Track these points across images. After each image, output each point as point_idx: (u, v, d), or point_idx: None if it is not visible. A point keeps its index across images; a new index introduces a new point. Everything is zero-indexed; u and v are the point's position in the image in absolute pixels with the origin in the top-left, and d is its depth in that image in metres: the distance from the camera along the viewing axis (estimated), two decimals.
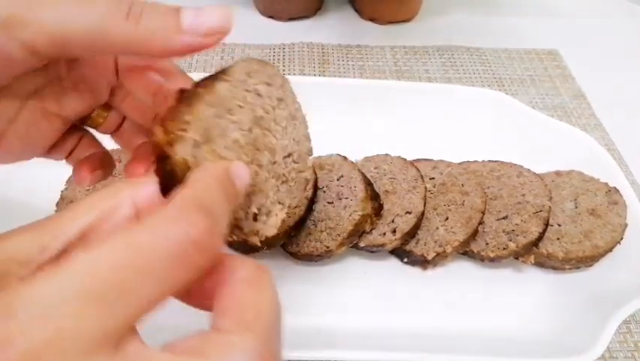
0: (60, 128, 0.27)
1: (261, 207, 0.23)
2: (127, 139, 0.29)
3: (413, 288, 0.39)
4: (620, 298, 0.35)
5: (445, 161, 0.44)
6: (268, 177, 0.23)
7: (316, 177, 0.40)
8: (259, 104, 0.24)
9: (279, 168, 0.25)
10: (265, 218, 0.23)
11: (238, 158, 0.22)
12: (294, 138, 0.26)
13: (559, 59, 0.63)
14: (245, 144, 0.22)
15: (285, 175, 0.25)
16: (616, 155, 0.52)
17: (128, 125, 0.29)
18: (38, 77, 0.24)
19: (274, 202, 0.24)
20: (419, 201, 0.39)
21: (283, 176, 0.25)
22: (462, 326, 0.37)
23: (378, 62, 0.61)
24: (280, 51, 0.62)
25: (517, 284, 0.40)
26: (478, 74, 0.61)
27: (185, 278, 0.15)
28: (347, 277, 0.40)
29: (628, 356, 0.38)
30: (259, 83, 0.24)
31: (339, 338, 0.35)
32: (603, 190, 0.42)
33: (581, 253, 0.38)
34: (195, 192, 0.16)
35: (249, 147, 0.22)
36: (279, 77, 0.26)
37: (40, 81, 0.24)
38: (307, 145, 0.27)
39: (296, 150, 0.26)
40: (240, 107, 0.22)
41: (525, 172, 0.43)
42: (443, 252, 0.38)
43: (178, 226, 0.15)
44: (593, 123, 0.55)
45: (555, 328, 0.36)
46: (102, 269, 0.14)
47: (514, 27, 0.68)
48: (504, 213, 0.40)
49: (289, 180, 0.25)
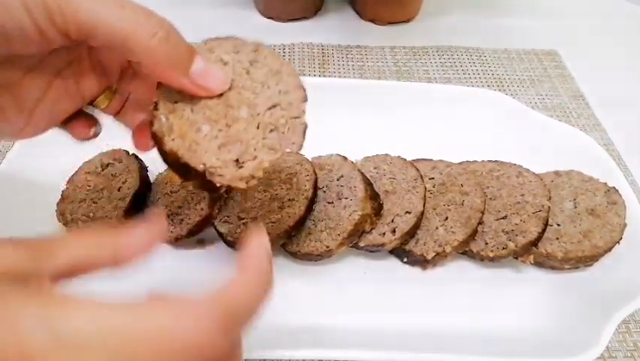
0: (76, 106, 0.29)
1: (242, 154, 0.26)
2: (129, 118, 0.31)
3: (413, 288, 0.39)
4: (620, 298, 0.35)
5: (445, 161, 0.44)
6: (248, 128, 0.27)
7: (316, 177, 0.41)
8: (226, 70, 0.28)
9: (264, 118, 0.27)
10: (251, 163, 0.26)
11: (206, 118, 0.26)
12: (280, 90, 0.28)
13: (558, 59, 0.64)
14: (214, 105, 0.26)
15: (272, 123, 0.27)
16: (615, 155, 0.52)
17: (130, 105, 0.31)
18: (62, 57, 0.26)
19: (261, 148, 0.26)
20: (419, 201, 0.40)
21: (270, 125, 0.27)
22: (461, 325, 0.37)
23: (378, 62, 0.61)
24: (280, 52, 0.62)
25: (516, 284, 0.40)
26: (477, 74, 0.61)
27: None
28: (347, 277, 0.40)
29: (627, 356, 0.38)
30: (223, 53, 0.28)
31: (338, 337, 0.35)
32: (602, 190, 0.42)
33: (580, 252, 0.38)
34: (229, 305, 0.19)
35: (219, 107, 0.26)
36: (250, 44, 0.29)
37: (64, 61, 0.27)
38: (299, 93, 0.29)
39: (284, 100, 0.28)
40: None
41: (524, 172, 0.43)
42: (443, 252, 0.38)
43: (198, 338, 0.17)
44: (592, 123, 0.55)
45: (554, 328, 0.37)
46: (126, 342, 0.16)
47: (513, 27, 0.68)
48: (503, 213, 0.40)
49: (279, 127, 0.27)
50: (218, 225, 0.39)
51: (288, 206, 0.39)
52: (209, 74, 0.26)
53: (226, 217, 0.39)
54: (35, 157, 0.42)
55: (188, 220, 0.39)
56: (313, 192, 0.39)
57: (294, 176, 0.41)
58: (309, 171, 0.41)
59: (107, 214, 0.39)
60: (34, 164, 0.42)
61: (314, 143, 0.45)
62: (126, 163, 0.42)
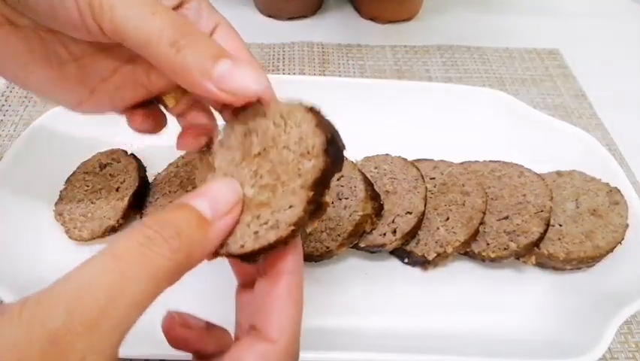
0: (142, 97, 0.29)
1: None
2: (190, 118, 0.30)
3: (413, 288, 0.39)
4: (622, 299, 0.35)
5: (446, 161, 0.44)
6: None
7: None
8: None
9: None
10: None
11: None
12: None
13: (560, 58, 0.63)
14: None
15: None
16: (617, 155, 0.52)
17: (195, 107, 0.30)
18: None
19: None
20: (420, 202, 0.39)
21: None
22: (462, 326, 0.37)
23: (378, 61, 0.61)
24: (280, 50, 0.61)
25: (518, 285, 0.40)
26: (478, 73, 0.60)
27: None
28: (347, 278, 0.40)
29: (629, 357, 0.38)
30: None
31: (339, 338, 0.35)
32: (604, 190, 0.41)
33: (582, 253, 0.38)
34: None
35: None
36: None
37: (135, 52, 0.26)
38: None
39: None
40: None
41: (526, 172, 0.43)
42: (444, 252, 0.38)
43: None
44: (594, 123, 0.55)
45: (556, 328, 0.36)
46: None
47: (515, 26, 0.68)
48: (505, 213, 0.40)
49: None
50: None
51: None
52: (238, 71, 0.22)
53: None
54: (34, 157, 0.42)
55: None
56: None
57: None
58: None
59: (105, 214, 0.39)
60: (33, 164, 0.42)
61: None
62: (124, 163, 0.42)
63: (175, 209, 0.20)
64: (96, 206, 0.40)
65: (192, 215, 0.20)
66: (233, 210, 0.21)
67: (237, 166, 0.23)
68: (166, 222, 0.19)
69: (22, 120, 0.52)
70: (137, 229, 0.18)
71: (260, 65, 0.27)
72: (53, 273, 0.39)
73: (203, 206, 0.20)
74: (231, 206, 0.21)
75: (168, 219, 0.19)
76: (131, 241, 0.18)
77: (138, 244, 0.18)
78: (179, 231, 0.19)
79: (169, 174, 0.42)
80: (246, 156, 0.23)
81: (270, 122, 0.23)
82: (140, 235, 0.18)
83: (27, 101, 0.53)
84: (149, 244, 0.18)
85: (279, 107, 0.23)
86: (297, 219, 0.21)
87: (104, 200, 0.40)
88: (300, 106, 0.23)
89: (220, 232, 0.21)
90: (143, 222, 0.19)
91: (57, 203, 0.41)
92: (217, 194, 0.21)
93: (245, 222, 0.22)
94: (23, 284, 0.34)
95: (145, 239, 0.18)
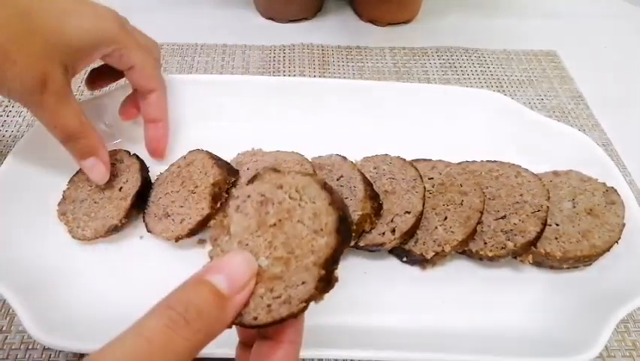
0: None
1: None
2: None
3: (412, 287, 0.39)
4: (618, 298, 0.35)
5: (444, 161, 0.44)
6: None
7: None
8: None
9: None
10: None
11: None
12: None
13: (557, 59, 0.64)
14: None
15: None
16: (614, 155, 0.52)
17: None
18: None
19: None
20: (418, 201, 0.40)
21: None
22: (460, 325, 0.37)
23: (377, 63, 0.62)
24: (280, 52, 0.62)
25: (515, 284, 0.40)
26: (476, 75, 0.61)
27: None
28: (346, 277, 0.39)
29: (626, 355, 0.38)
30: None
31: (337, 336, 0.35)
32: (601, 190, 0.42)
33: (578, 252, 0.38)
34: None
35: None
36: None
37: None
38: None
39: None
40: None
41: (523, 172, 0.43)
42: (442, 251, 0.38)
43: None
44: (590, 124, 0.56)
45: (553, 327, 0.37)
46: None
47: (512, 28, 0.68)
48: (502, 212, 0.41)
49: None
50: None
51: None
52: (94, 169, 0.38)
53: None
54: (36, 157, 0.42)
55: (188, 220, 0.39)
56: None
57: None
58: (309, 171, 0.41)
59: (108, 214, 0.39)
60: (36, 164, 0.42)
61: (314, 143, 0.46)
62: (127, 163, 0.43)
63: (195, 286, 0.21)
64: (99, 206, 0.40)
65: (211, 293, 0.21)
66: (249, 284, 0.23)
67: (253, 234, 0.24)
68: (189, 303, 0.20)
69: (25, 121, 0.52)
70: (162, 308, 0.20)
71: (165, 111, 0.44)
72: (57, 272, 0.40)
73: (222, 283, 0.21)
74: (247, 280, 0.23)
75: (190, 299, 0.21)
76: (158, 323, 0.19)
77: (165, 326, 0.19)
78: (199, 311, 0.20)
79: (171, 174, 0.43)
80: (261, 226, 0.24)
81: (287, 195, 0.24)
82: (165, 317, 0.20)
83: None
84: (174, 327, 0.19)
85: (294, 180, 0.25)
86: (309, 296, 0.22)
87: (107, 200, 0.40)
88: (313, 181, 0.24)
89: (237, 307, 0.22)
90: (168, 303, 0.20)
91: (60, 203, 0.41)
92: (234, 269, 0.22)
93: (258, 294, 0.23)
94: (27, 284, 0.35)
95: (170, 322, 0.19)
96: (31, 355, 0.36)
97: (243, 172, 0.43)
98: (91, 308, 0.36)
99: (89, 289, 0.37)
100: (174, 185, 0.42)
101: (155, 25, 0.65)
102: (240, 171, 0.42)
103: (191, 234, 0.39)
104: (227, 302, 0.21)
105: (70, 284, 0.37)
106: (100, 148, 0.38)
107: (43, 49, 0.32)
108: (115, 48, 0.36)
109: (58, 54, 0.33)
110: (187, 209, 0.39)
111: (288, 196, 0.24)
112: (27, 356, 0.36)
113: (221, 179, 0.40)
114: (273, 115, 0.50)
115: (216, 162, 0.41)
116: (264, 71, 0.60)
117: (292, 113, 0.49)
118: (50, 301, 0.35)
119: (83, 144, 0.37)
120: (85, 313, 0.35)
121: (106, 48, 0.36)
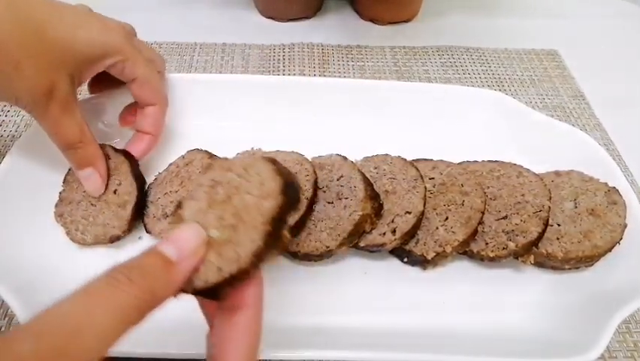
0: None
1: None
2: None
3: (413, 288, 0.39)
4: (620, 298, 0.35)
5: (445, 161, 0.44)
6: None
7: (316, 177, 0.41)
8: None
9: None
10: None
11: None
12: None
13: (558, 59, 0.63)
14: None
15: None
16: (615, 155, 0.52)
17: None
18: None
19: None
20: (419, 201, 0.40)
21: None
22: (461, 325, 0.37)
23: (378, 62, 0.61)
24: (280, 52, 0.62)
25: (516, 284, 0.40)
26: (477, 74, 0.61)
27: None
28: (347, 277, 0.40)
29: (627, 356, 0.38)
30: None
31: (338, 337, 0.35)
32: (603, 190, 0.42)
33: (580, 253, 0.38)
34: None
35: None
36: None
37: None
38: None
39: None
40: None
41: (525, 172, 0.43)
42: (443, 252, 0.38)
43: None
44: (592, 123, 0.55)
45: (555, 328, 0.36)
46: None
47: (513, 27, 0.68)
48: (504, 213, 0.40)
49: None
50: None
51: None
52: (90, 180, 0.39)
53: None
54: (35, 157, 0.42)
55: None
56: (313, 192, 0.39)
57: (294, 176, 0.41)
58: (309, 171, 0.41)
59: (108, 222, 0.39)
60: (35, 164, 0.42)
61: (314, 143, 0.46)
62: (116, 161, 0.41)
63: (143, 255, 0.22)
64: (97, 210, 0.39)
65: (158, 258, 0.22)
66: (198, 252, 0.23)
67: (204, 213, 0.25)
68: (133, 266, 0.21)
69: (23, 121, 0.52)
70: (108, 271, 0.21)
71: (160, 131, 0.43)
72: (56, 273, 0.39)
73: (169, 250, 0.22)
74: (195, 248, 0.23)
75: (136, 263, 0.21)
76: (101, 282, 0.20)
77: (106, 283, 0.20)
78: (143, 272, 0.21)
79: (170, 174, 0.43)
80: (212, 204, 0.25)
81: (234, 175, 0.26)
82: (109, 276, 0.20)
83: None
84: (116, 284, 0.20)
85: (242, 162, 0.26)
86: (257, 250, 0.23)
87: (104, 203, 0.40)
88: (261, 159, 0.26)
89: (184, 272, 0.22)
90: (114, 267, 0.21)
91: (57, 204, 0.41)
92: (181, 238, 0.23)
93: (209, 259, 0.24)
94: (25, 284, 0.34)
95: (113, 280, 0.20)
96: None
97: None
98: None
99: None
100: (173, 185, 0.41)
101: (154, 24, 0.65)
102: None
103: None
104: (174, 266, 0.22)
105: (69, 285, 0.37)
106: (98, 159, 0.39)
107: (52, 59, 0.33)
108: (119, 60, 0.37)
109: (65, 65, 0.34)
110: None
111: (236, 175, 0.26)
112: None
113: None
114: (272, 114, 0.49)
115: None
116: (263, 70, 0.60)
117: (292, 113, 0.49)
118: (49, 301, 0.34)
119: (81, 154, 0.37)
120: None
121: (111, 59, 0.37)
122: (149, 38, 0.61)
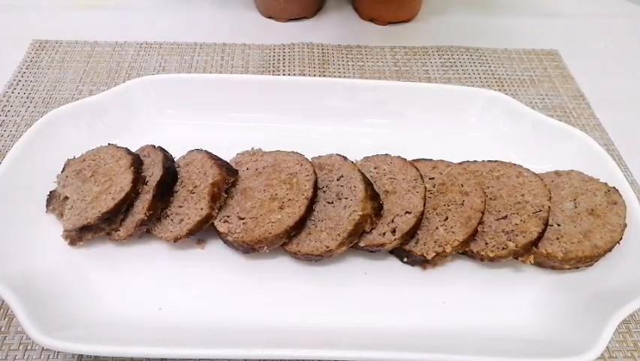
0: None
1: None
2: None
3: (413, 288, 0.39)
4: (620, 298, 0.35)
5: (445, 161, 0.44)
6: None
7: (316, 177, 0.41)
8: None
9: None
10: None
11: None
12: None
13: (558, 59, 0.63)
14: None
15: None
16: (615, 155, 0.52)
17: None
18: None
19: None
20: (419, 201, 0.40)
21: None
22: (461, 325, 0.37)
23: (378, 62, 0.61)
24: (280, 51, 0.62)
25: (516, 284, 0.40)
26: (477, 74, 0.61)
27: None
28: (347, 277, 0.40)
29: (627, 356, 0.38)
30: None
31: (339, 337, 0.35)
32: (602, 190, 0.42)
33: (580, 253, 0.38)
34: None
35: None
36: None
37: None
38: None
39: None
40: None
41: (524, 172, 0.43)
42: (443, 252, 0.38)
43: None
44: (592, 123, 0.55)
45: (555, 328, 0.36)
46: None
47: (513, 27, 0.68)
48: (503, 213, 0.40)
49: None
50: (217, 224, 0.39)
51: (288, 206, 0.39)
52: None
53: (226, 217, 0.39)
54: (35, 156, 0.42)
55: (187, 220, 0.39)
56: (313, 192, 0.39)
57: (294, 176, 0.41)
58: (309, 171, 0.41)
59: (135, 210, 0.39)
60: (35, 164, 0.42)
61: (314, 143, 0.46)
62: (153, 158, 0.42)
63: None
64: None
65: None
66: None
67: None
68: None
69: (23, 120, 0.52)
70: None
71: None
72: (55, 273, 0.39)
73: None
74: None
75: None
76: None
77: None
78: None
79: None
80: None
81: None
82: None
83: (28, 102, 0.54)
84: None
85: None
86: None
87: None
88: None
89: None
90: None
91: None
92: None
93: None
94: (25, 285, 0.34)
95: None
96: (30, 356, 0.36)
97: (242, 172, 0.42)
98: (90, 310, 0.36)
99: (87, 290, 0.37)
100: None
101: (154, 25, 0.65)
102: (239, 171, 0.42)
103: (190, 234, 0.38)
104: None
105: (69, 285, 0.37)
106: None
107: None
108: None
109: None
110: (186, 209, 0.39)
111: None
112: (25, 357, 0.35)
113: (220, 179, 0.39)
114: (272, 114, 0.49)
115: (215, 161, 0.41)
116: (263, 70, 0.59)
117: (292, 113, 0.49)
118: (49, 302, 0.34)
119: None
120: (84, 314, 0.35)
121: None
122: (149, 38, 0.61)
